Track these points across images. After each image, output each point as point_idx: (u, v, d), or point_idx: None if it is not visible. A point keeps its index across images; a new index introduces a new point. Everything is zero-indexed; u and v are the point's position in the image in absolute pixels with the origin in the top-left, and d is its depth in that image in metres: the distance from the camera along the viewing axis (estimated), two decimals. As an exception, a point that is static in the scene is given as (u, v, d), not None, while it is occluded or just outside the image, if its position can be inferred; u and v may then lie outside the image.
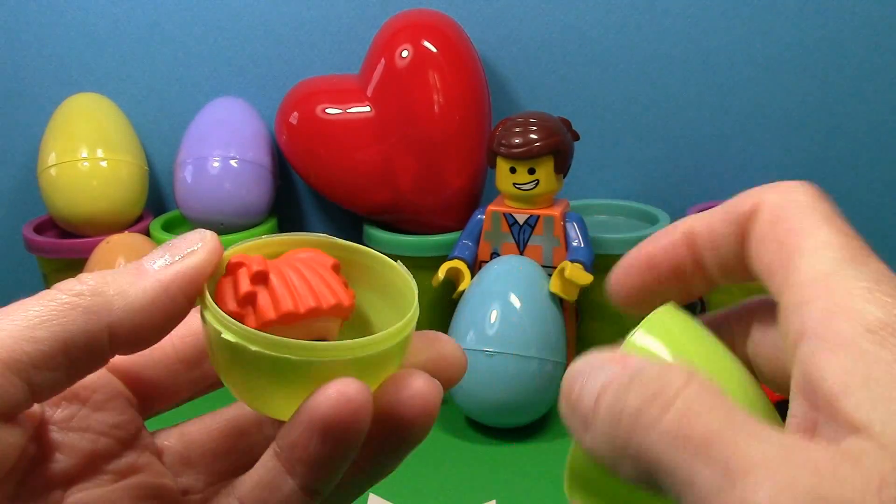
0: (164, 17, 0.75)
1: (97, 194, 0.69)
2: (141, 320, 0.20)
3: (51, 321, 0.19)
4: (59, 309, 0.19)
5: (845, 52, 0.73)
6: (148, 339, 0.20)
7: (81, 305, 0.19)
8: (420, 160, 0.70)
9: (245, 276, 0.21)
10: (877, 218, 0.77)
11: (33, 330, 0.18)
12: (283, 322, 0.20)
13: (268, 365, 0.19)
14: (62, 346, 0.19)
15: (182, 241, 0.21)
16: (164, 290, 0.20)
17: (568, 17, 0.74)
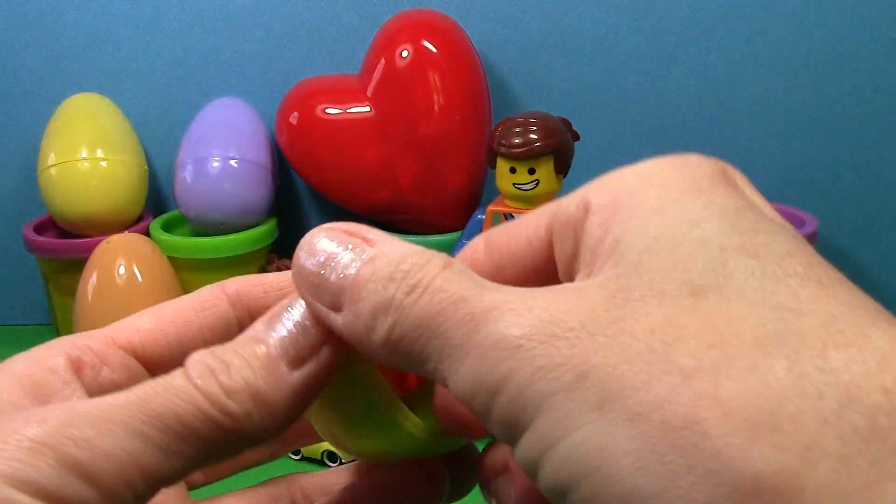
0: (164, 17, 0.75)
1: (97, 194, 0.69)
2: (275, 430, 0.17)
3: (190, 444, 0.16)
4: (201, 428, 0.16)
5: (845, 52, 0.73)
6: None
7: (224, 427, 0.16)
8: (420, 160, 0.70)
9: None
10: (877, 218, 0.77)
11: (171, 450, 0.16)
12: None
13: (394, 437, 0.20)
14: (185, 461, 0.16)
15: (310, 316, 0.18)
16: (303, 401, 0.18)
17: (568, 17, 0.74)
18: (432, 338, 0.15)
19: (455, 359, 0.15)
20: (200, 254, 0.70)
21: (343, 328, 0.17)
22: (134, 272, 0.65)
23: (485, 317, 0.15)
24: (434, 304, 0.15)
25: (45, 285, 0.75)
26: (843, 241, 0.78)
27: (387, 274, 0.16)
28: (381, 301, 0.16)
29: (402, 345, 0.16)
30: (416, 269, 0.16)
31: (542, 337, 0.14)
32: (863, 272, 0.79)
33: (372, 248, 0.17)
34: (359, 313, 0.17)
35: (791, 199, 0.77)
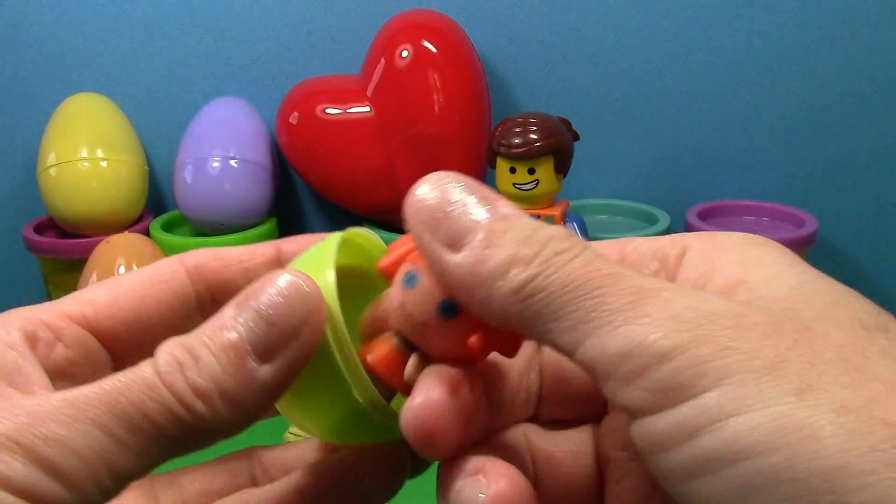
0: (164, 17, 0.75)
1: (97, 194, 0.69)
2: (243, 426, 0.18)
3: (158, 443, 0.16)
4: (169, 427, 0.16)
5: (845, 52, 0.73)
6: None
7: (192, 426, 0.17)
8: (420, 160, 0.70)
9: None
10: (877, 218, 0.77)
11: (139, 448, 0.16)
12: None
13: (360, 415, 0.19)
14: (151, 459, 0.17)
15: (281, 310, 0.17)
16: (271, 397, 0.18)
17: (568, 17, 0.74)
18: (580, 298, 0.15)
19: (608, 323, 0.15)
20: (200, 254, 0.70)
21: (456, 267, 0.17)
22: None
23: (656, 292, 0.15)
24: (590, 269, 0.15)
25: (45, 285, 0.75)
26: (843, 241, 0.78)
27: (528, 232, 0.16)
28: (523, 253, 0.16)
29: (536, 298, 0.16)
30: (561, 237, 0.16)
31: (728, 322, 0.14)
32: (863, 272, 0.79)
33: (501, 208, 0.17)
34: (488, 258, 0.16)
35: (791, 199, 0.77)
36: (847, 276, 0.79)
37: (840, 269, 0.79)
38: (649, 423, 0.15)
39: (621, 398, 0.15)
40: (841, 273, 0.79)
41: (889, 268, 0.79)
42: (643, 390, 0.14)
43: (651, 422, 0.15)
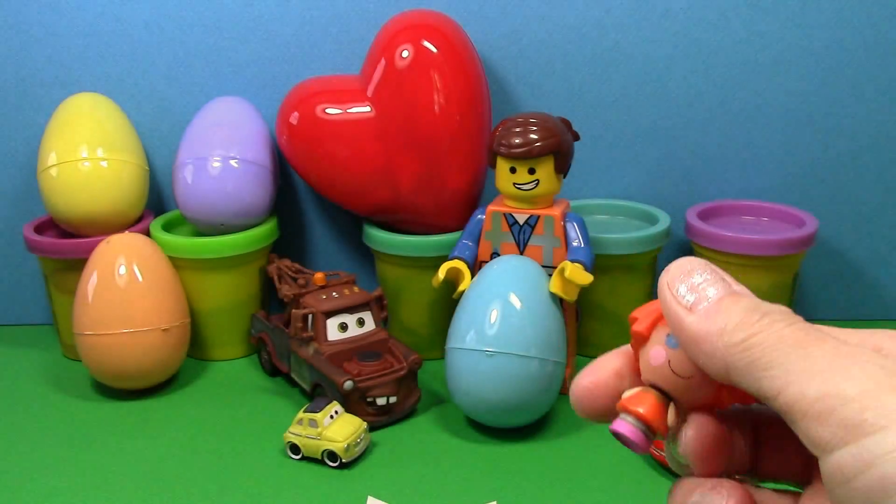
0: (164, 17, 0.75)
1: (97, 194, 0.69)
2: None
3: None
4: None
5: (845, 52, 0.73)
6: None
7: None
8: (420, 160, 0.70)
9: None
10: (877, 218, 0.77)
11: None
12: None
13: None
14: None
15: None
16: None
17: (568, 17, 0.74)
18: (790, 353, 0.19)
19: (811, 372, 0.18)
20: (200, 254, 0.70)
21: (691, 324, 0.21)
22: (134, 272, 0.65)
23: (852, 354, 0.18)
24: (799, 333, 0.19)
25: (46, 285, 0.75)
26: (843, 241, 0.78)
27: (755, 305, 0.20)
28: (748, 319, 0.20)
29: (753, 350, 0.19)
30: (783, 311, 0.20)
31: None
32: (863, 272, 0.79)
33: (735, 286, 0.22)
34: (720, 318, 0.20)
35: (791, 199, 0.77)
36: (847, 276, 0.79)
37: (840, 269, 0.79)
38: (837, 456, 0.17)
39: (814, 433, 0.18)
40: (841, 273, 0.79)
41: (889, 268, 0.79)
42: (833, 426, 0.17)
43: (839, 455, 0.17)
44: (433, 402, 0.66)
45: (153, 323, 0.65)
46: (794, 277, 0.71)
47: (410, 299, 0.72)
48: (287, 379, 0.71)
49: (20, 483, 0.56)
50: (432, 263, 0.68)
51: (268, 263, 0.74)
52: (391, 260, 0.72)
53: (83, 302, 0.65)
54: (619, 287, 0.71)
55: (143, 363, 0.65)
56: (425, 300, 0.72)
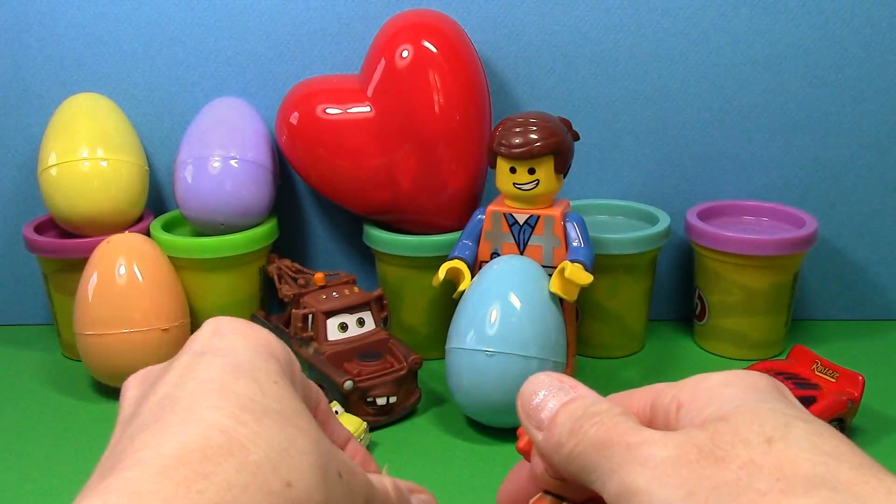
0: (164, 17, 0.75)
1: (97, 194, 0.69)
2: None
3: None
4: None
5: (845, 52, 0.73)
6: None
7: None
8: (420, 160, 0.70)
9: None
10: (877, 218, 0.77)
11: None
12: None
13: None
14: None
15: None
16: None
17: (568, 17, 0.74)
18: (600, 455, 0.23)
19: (612, 471, 0.22)
20: (200, 254, 0.70)
21: (540, 443, 0.25)
22: (134, 272, 0.65)
23: (639, 446, 0.22)
24: (607, 433, 0.23)
25: (46, 285, 0.75)
26: (843, 241, 0.78)
27: (582, 411, 0.24)
28: (574, 427, 0.24)
29: (578, 459, 0.23)
30: (601, 411, 0.24)
31: (670, 464, 0.21)
32: (863, 272, 0.79)
33: (572, 392, 0.25)
34: (555, 433, 0.24)
35: (791, 199, 0.77)
36: (847, 276, 0.79)
37: (840, 269, 0.79)
38: None
39: None
40: (841, 273, 0.79)
41: (889, 268, 0.79)
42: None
43: None
44: (433, 402, 0.66)
45: (153, 323, 0.65)
46: (794, 277, 0.71)
47: (410, 299, 0.72)
48: (287, 379, 0.70)
49: (20, 483, 0.56)
50: (432, 263, 0.68)
51: (268, 263, 0.74)
52: (391, 260, 0.72)
53: (83, 302, 0.65)
54: (619, 287, 0.71)
55: (143, 363, 0.65)
56: (425, 300, 0.71)
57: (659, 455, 0.21)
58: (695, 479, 0.20)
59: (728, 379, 0.24)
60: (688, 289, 0.79)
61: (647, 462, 0.21)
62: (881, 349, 0.74)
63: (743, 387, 0.23)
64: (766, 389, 0.23)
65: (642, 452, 0.22)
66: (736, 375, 0.24)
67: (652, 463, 0.21)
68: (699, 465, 0.21)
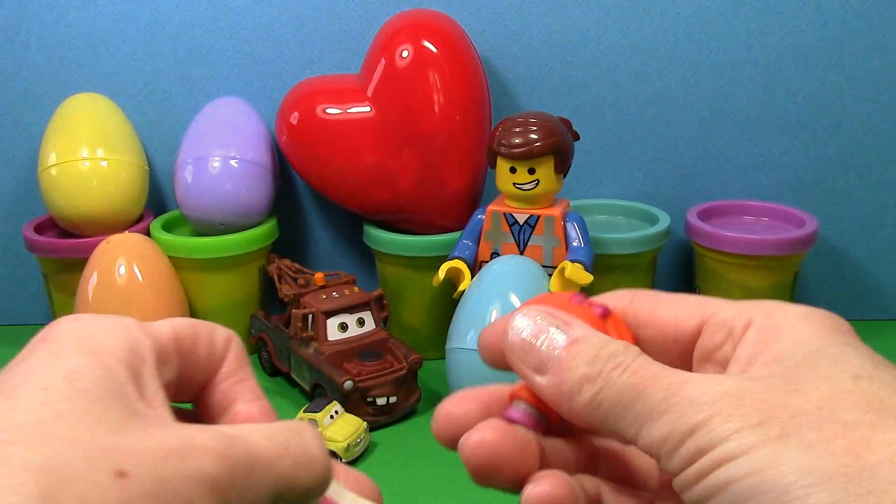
0: (164, 17, 0.75)
1: (97, 194, 0.69)
2: None
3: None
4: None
5: (845, 52, 0.73)
6: None
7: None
8: (420, 160, 0.70)
9: None
10: (877, 218, 0.77)
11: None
12: None
13: None
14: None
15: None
16: None
17: (568, 17, 0.74)
18: (634, 401, 0.20)
19: (653, 415, 0.20)
20: (200, 254, 0.70)
21: (546, 388, 0.22)
22: (134, 272, 0.65)
23: (682, 385, 0.20)
24: (637, 377, 0.21)
25: (46, 285, 0.75)
26: (843, 241, 0.78)
27: (594, 353, 0.22)
28: (590, 372, 0.21)
29: (603, 406, 0.21)
30: (618, 353, 0.21)
31: (731, 398, 0.19)
32: (863, 272, 0.79)
33: (574, 331, 0.22)
34: (566, 378, 0.22)
35: (791, 199, 0.77)
36: (847, 276, 0.79)
37: (840, 269, 0.79)
38: (684, 476, 0.19)
39: (668, 467, 0.20)
40: (841, 273, 0.79)
41: (889, 268, 0.79)
42: (680, 458, 0.19)
43: (685, 474, 0.19)
44: (433, 402, 0.66)
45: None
46: (794, 277, 0.71)
47: (410, 299, 0.72)
48: (287, 379, 0.71)
49: (20, 483, 0.56)
50: (432, 263, 0.68)
51: (268, 263, 0.74)
52: (391, 260, 0.72)
53: (83, 302, 0.65)
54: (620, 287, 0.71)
55: (143, 363, 0.65)
56: (425, 300, 0.71)
57: (716, 389, 0.19)
58: (765, 409, 0.19)
59: (807, 314, 0.22)
60: (688, 289, 0.79)
61: (702, 398, 0.19)
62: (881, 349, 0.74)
63: (824, 325, 0.21)
64: (848, 332, 0.22)
65: (691, 390, 0.20)
66: (815, 312, 0.22)
67: (708, 398, 0.19)
68: (769, 395, 0.19)
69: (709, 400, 0.19)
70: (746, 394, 0.19)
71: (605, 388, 0.21)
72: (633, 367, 0.21)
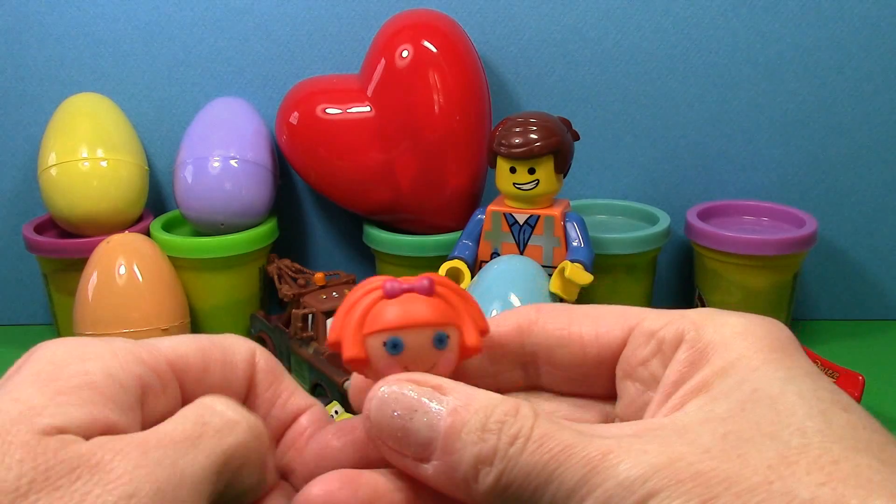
0: (164, 17, 0.75)
1: (97, 194, 0.69)
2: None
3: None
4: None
5: (845, 52, 0.73)
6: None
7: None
8: (420, 160, 0.70)
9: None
10: (877, 218, 0.77)
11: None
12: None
13: None
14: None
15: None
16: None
17: (568, 17, 0.74)
18: (546, 483, 0.17)
19: (573, 498, 0.17)
20: (200, 254, 0.70)
21: (435, 477, 0.18)
22: (134, 272, 0.65)
23: (603, 460, 0.17)
24: (543, 451, 0.17)
25: (46, 285, 0.75)
26: (843, 241, 0.78)
27: (479, 425, 0.18)
28: (483, 452, 0.18)
29: (510, 491, 0.18)
30: (510, 419, 0.18)
31: (667, 475, 0.16)
32: (863, 272, 0.79)
33: (449, 398, 0.19)
34: (457, 464, 0.18)
35: (791, 199, 0.77)
36: (847, 276, 0.79)
37: (840, 269, 0.79)
38: None
39: None
40: (841, 273, 0.79)
41: (889, 268, 0.79)
42: None
43: None
44: (433, 402, 0.66)
45: (153, 323, 0.65)
46: (794, 277, 0.71)
47: (410, 299, 0.72)
48: (287, 379, 0.71)
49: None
50: (432, 263, 0.68)
51: (268, 263, 0.74)
52: (391, 260, 0.72)
53: (83, 302, 0.65)
54: (620, 287, 0.71)
55: (143, 363, 0.65)
56: (425, 300, 0.71)
57: (645, 462, 0.17)
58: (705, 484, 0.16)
59: (745, 328, 0.19)
60: (688, 289, 0.79)
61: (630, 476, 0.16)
62: (881, 349, 0.74)
63: (761, 343, 0.19)
64: (788, 348, 0.19)
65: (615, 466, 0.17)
66: (753, 324, 0.20)
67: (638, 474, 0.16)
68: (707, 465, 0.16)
69: (638, 479, 0.16)
70: (681, 465, 0.16)
71: (507, 470, 0.18)
72: (535, 437, 0.18)
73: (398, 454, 0.19)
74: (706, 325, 0.20)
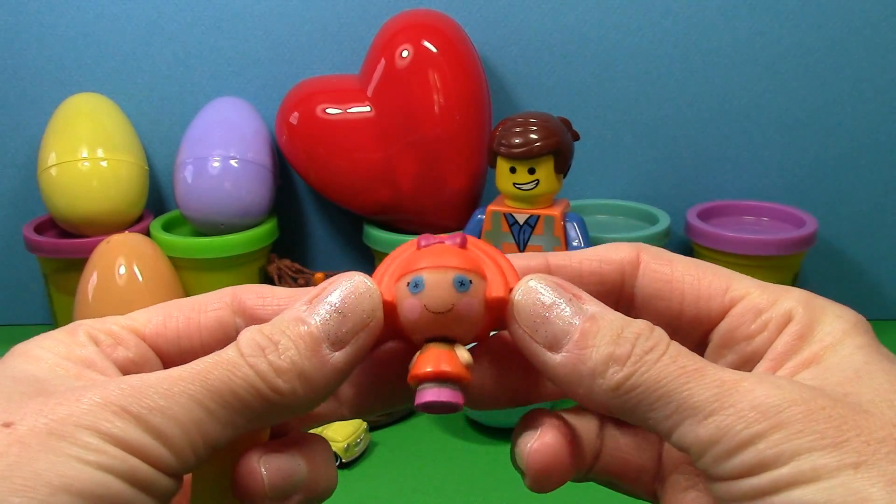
0: (164, 17, 0.75)
1: (97, 194, 0.69)
2: (315, 404, 0.20)
3: (243, 415, 0.19)
4: (252, 402, 0.19)
5: (845, 52, 0.73)
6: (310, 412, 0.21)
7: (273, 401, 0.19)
8: (420, 160, 0.70)
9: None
10: (877, 218, 0.77)
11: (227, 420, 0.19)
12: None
13: None
14: (236, 429, 0.19)
15: (352, 304, 0.20)
16: (341, 379, 0.20)
17: (568, 17, 0.74)
18: (673, 393, 0.18)
19: (698, 413, 0.18)
20: (200, 254, 0.70)
21: (560, 367, 0.19)
22: (134, 272, 0.65)
23: (737, 384, 0.18)
24: (677, 366, 0.18)
25: (46, 285, 0.75)
26: (843, 241, 0.78)
27: (617, 330, 0.19)
28: (618, 352, 0.19)
29: (633, 393, 0.19)
30: (647, 334, 0.19)
31: (798, 409, 0.17)
32: (863, 272, 0.79)
33: (588, 306, 0.20)
34: (586, 358, 0.19)
35: (791, 199, 0.77)
36: (847, 276, 0.79)
37: (840, 269, 0.79)
38: (734, 485, 0.17)
39: (712, 471, 0.18)
40: (841, 273, 0.79)
41: (889, 268, 0.79)
42: (732, 467, 0.17)
43: (736, 484, 0.17)
44: (433, 402, 0.66)
45: (153, 323, 0.65)
46: (794, 277, 0.71)
47: (410, 299, 0.72)
48: (287, 379, 0.71)
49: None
50: (432, 263, 0.68)
51: (268, 263, 0.74)
52: (391, 260, 0.72)
53: (83, 302, 0.65)
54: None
55: (143, 363, 0.65)
56: (425, 300, 0.71)
57: (779, 395, 0.17)
58: (837, 428, 0.17)
59: (841, 312, 0.20)
60: (688, 289, 0.79)
61: (765, 403, 0.17)
62: (881, 349, 0.74)
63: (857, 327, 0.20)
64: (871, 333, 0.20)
65: (750, 392, 0.17)
66: (845, 310, 0.21)
67: (772, 404, 0.17)
68: (838, 412, 0.17)
69: (772, 407, 0.17)
70: (815, 406, 0.17)
71: (638, 373, 0.18)
72: (671, 353, 0.18)
73: (530, 340, 0.20)
74: (811, 304, 0.20)
